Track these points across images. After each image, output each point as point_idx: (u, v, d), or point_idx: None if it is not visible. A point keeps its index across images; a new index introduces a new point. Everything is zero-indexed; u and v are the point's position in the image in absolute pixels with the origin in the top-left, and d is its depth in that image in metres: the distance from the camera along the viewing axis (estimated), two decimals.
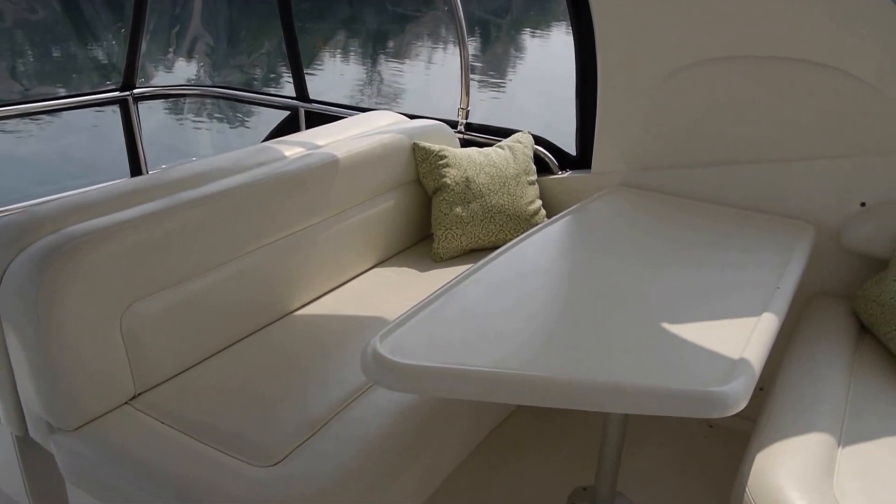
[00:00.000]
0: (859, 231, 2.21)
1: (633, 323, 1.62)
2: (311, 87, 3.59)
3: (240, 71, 13.17)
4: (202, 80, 12.88)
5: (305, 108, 3.52)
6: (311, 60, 12.96)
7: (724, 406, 1.35)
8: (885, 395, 1.82)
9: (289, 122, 3.58)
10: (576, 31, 2.62)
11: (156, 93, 3.90)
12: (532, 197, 2.71)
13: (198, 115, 9.45)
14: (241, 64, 13.49)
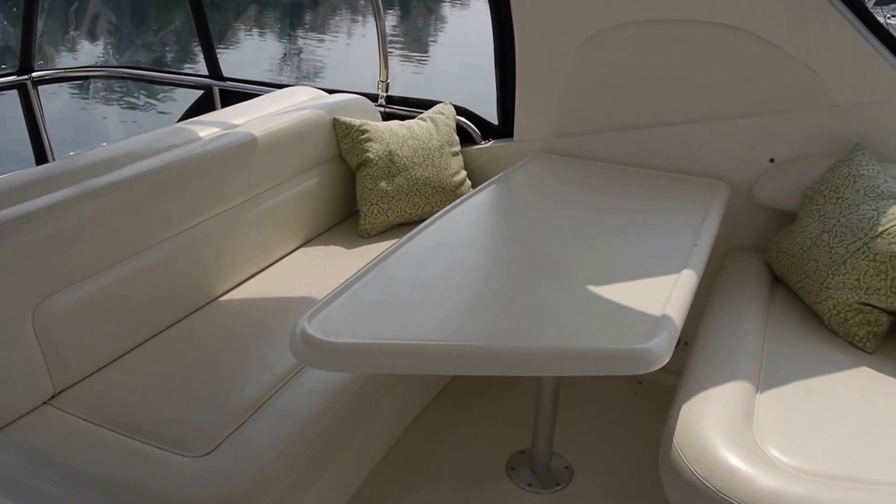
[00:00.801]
0: (769, 186, 2.30)
1: (560, 287, 1.65)
2: (228, 65, 3.47)
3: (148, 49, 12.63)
4: (108, 61, 12.32)
5: (220, 86, 3.41)
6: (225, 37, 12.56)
7: (649, 362, 1.40)
8: (798, 340, 1.91)
9: (203, 102, 3.46)
10: (492, 2, 2.61)
11: (57, 76, 3.71)
12: (456, 168, 2.71)
13: (106, 99, 9.05)
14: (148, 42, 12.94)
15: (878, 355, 1.88)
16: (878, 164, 2.11)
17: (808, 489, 1.40)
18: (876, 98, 2.19)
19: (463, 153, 2.80)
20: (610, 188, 2.28)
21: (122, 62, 12.38)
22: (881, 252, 1.87)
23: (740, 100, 2.34)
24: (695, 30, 2.30)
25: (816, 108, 2.27)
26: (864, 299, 1.89)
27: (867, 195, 1.99)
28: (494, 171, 2.75)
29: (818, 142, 2.29)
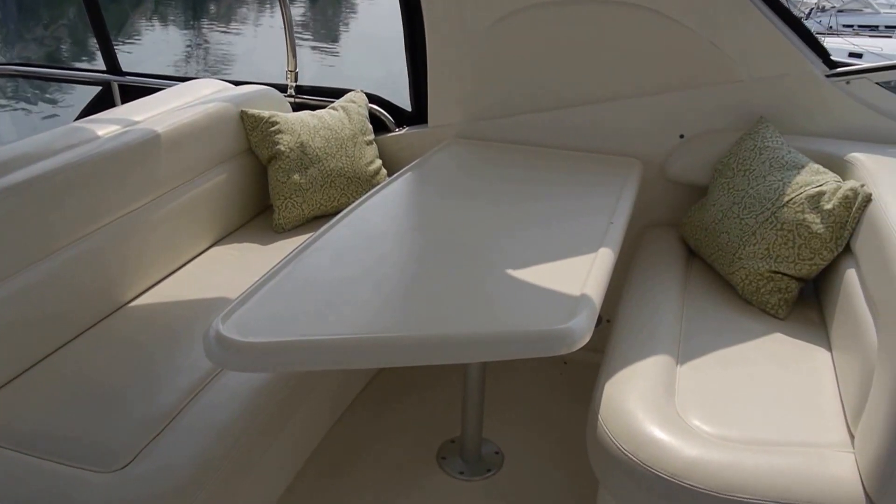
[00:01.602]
0: (680, 162, 2.34)
1: (480, 273, 1.63)
2: (128, 59, 3.30)
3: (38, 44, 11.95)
4: None
5: (119, 81, 3.24)
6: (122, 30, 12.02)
7: (570, 341, 1.40)
8: (714, 311, 1.96)
9: (101, 99, 3.28)
10: None
11: None
12: (371, 157, 2.65)
13: None
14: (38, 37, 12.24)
15: (789, 321, 1.95)
16: (781, 136, 2.18)
17: (729, 456, 1.43)
18: (777, 72, 2.26)
19: (377, 141, 2.75)
20: (526, 170, 2.28)
21: (10, 59, 11.67)
22: (788, 221, 1.93)
23: (650, 78, 2.37)
24: (603, 10, 2.32)
25: (722, 84, 2.32)
26: (774, 267, 1.95)
27: (772, 166, 2.05)
28: (410, 159, 2.72)
29: (725, 116, 2.35)
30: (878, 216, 1.71)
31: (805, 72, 2.24)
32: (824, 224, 1.89)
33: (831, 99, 2.24)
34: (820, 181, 1.95)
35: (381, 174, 2.67)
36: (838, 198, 1.88)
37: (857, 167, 2.03)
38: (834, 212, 1.88)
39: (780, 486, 1.38)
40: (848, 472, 1.40)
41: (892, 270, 1.49)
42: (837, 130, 2.27)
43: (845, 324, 1.75)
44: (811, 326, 1.93)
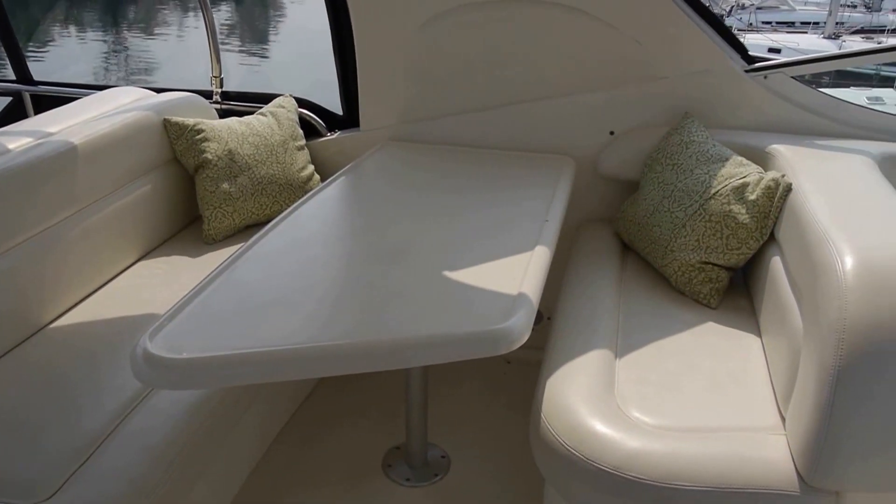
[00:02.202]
0: (612, 158, 2.38)
1: (417, 276, 1.61)
2: (43, 68, 3.16)
3: None
4: None
5: (31, 91, 3.10)
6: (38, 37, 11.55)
7: (509, 341, 1.40)
8: (649, 304, 2.00)
9: (12, 110, 3.13)
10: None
11: None
12: (303, 163, 2.61)
13: None
14: None
15: (720, 310, 2.00)
16: (706, 130, 2.23)
17: (668, 445, 1.45)
18: (699, 68, 2.32)
19: (309, 147, 2.70)
20: (460, 171, 2.27)
21: None
22: (715, 213, 1.98)
23: (579, 76, 2.40)
24: (531, 10, 2.33)
25: (648, 81, 2.37)
26: (705, 258, 2.00)
27: (699, 160, 2.10)
28: (343, 163, 2.68)
29: (652, 112, 2.39)
30: (798, 205, 1.77)
31: (725, 68, 2.30)
32: (749, 214, 1.94)
33: (751, 93, 2.31)
34: (743, 173, 2.00)
35: (314, 180, 2.63)
36: (761, 188, 1.93)
37: (777, 158, 2.10)
38: (757, 202, 1.93)
39: (718, 471, 1.41)
40: (781, 453, 1.45)
41: (812, 257, 1.54)
42: (758, 123, 2.34)
43: (773, 310, 1.81)
44: (742, 314, 1.99)
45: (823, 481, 1.37)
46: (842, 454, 1.34)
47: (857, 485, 1.37)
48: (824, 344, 1.37)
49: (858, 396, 1.32)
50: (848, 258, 1.43)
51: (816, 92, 2.34)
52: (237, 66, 10.81)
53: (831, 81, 10.03)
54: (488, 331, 1.41)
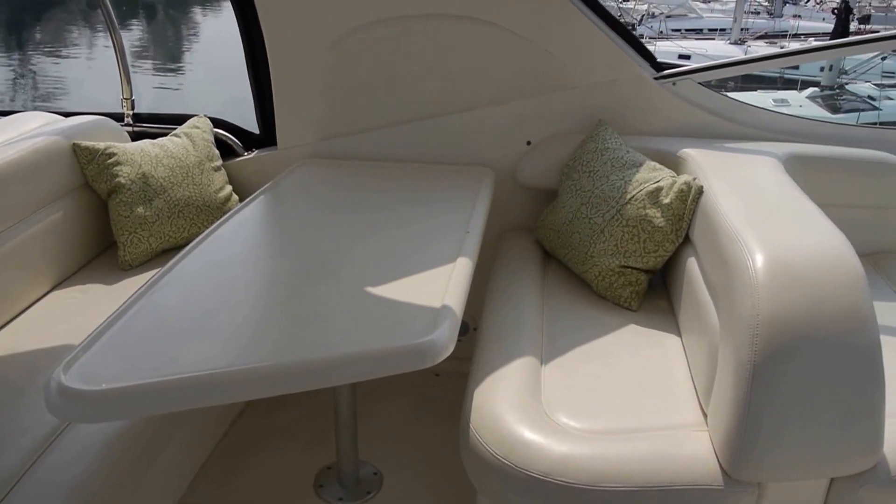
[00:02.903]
0: (530, 168, 2.42)
1: (340, 293, 1.60)
2: None
3: None
4: None
5: None
6: None
7: (434, 353, 1.40)
8: (572, 309, 2.03)
9: None
10: (236, 5, 2.49)
11: None
12: (220, 183, 2.56)
13: None
14: None
15: (641, 312, 2.05)
16: (619, 137, 2.30)
17: (595, 448, 1.48)
18: (610, 77, 2.38)
19: (226, 167, 2.65)
20: (380, 187, 2.27)
21: None
22: (632, 217, 2.03)
23: (495, 88, 2.44)
24: (443, 23, 2.35)
25: (561, 91, 2.42)
26: (624, 262, 2.04)
27: (614, 166, 2.16)
28: (262, 183, 2.64)
29: (567, 121, 2.44)
30: (710, 206, 1.83)
31: (635, 75, 2.37)
32: (664, 217, 2.00)
33: (660, 100, 2.39)
34: (657, 177, 2.06)
35: (233, 200, 2.58)
36: (674, 192, 2.00)
37: (688, 162, 2.17)
38: (672, 205, 1.99)
39: (644, 471, 1.44)
40: (704, 450, 1.49)
41: (725, 256, 1.60)
42: (669, 128, 2.42)
43: (691, 309, 1.86)
44: (662, 315, 2.04)
45: (745, 474, 1.42)
46: (761, 446, 1.39)
47: (777, 475, 1.42)
48: (739, 340, 1.42)
49: (773, 389, 1.37)
50: (758, 256, 1.49)
51: (722, 97, 2.44)
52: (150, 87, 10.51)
53: (739, 85, 10.47)
54: (413, 344, 1.41)
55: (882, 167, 2.30)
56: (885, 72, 10.42)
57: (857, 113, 8.84)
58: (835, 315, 1.39)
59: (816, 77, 10.61)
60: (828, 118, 8.72)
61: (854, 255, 1.50)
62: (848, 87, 9.90)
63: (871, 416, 1.39)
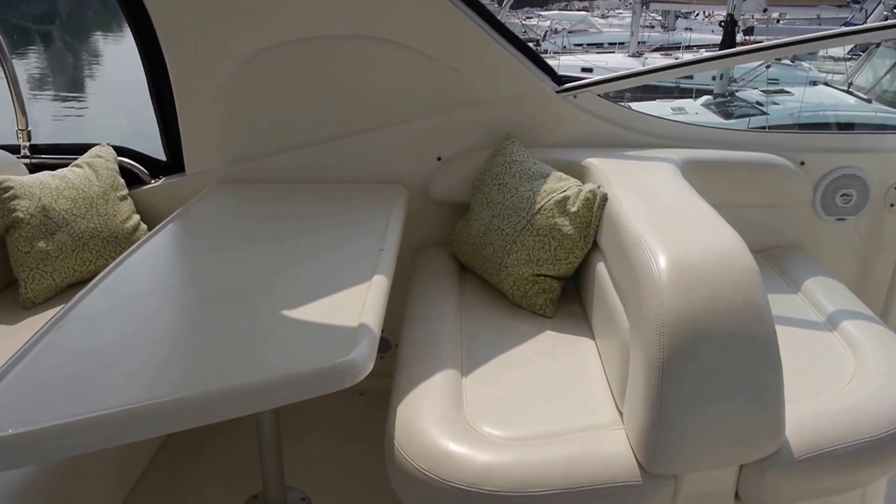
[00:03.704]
0: (441, 183, 2.46)
1: (255, 318, 1.58)
2: None
3: None
4: None
5: None
6: None
7: (354, 372, 1.40)
8: (489, 320, 2.07)
9: None
10: (134, 30, 2.43)
11: None
12: (127, 213, 2.48)
13: None
14: None
15: (556, 318, 2.11)
16: (526, 150, 2.36)
17: (518, 455, 1.51)
18: (514, 92, 2.45)
19: (132, 196, 2.58)
20: (293, 209, 2.26)
21: None
22: (542, 227, 2.09)
23: (404, 106, 2.47)
24: (350, 44, 2.37)
25: (469, 107, 2.47)
26: (537, 271, 2.10)
27: (522, 178, 2.22)
28: (171, 211, 2.58)
29: (476, 136, 2.50)
30: (615, 212, 1.91)
31: (538, 90, 2.45)
32: (572, 225, 2.07)
33: (563, 112, 2.48)
34: (564, 187, 2.13)
35: (141, 230, 2.51)
36: (581, 200, 2.07)
37: (592, 171, 2.25)
38: (579, 213, 2.07)
39: (566, 473, 1.48)
40: (621, 447, 1.54)
41: (630, 259, 1.67)
42: (573, 139, 2.51)
43: (602, 313, 1.93)
44: (576, 320, 2.11)
45: (661, 467, 1.48)
46: (674, 440, 1.45)
47: (691, 466, 1.49)
48: (648, 339, 1.48)
49: (682, 384, 1.44)
50: (661, 258, 1.56)
51: (621, 107, 2.55)
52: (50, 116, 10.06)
53: (640, 95, 10.90)
54: (332, 365, 1.40)
55: (770, 168, 2.45)
56: (770, 79, 11.08)
57: (748, 118, 9.35)
58: (733, 309, 1.48)
59: (709, 86, 11.17)
60: (721, 124, 9.17)
61: (748, 252, 1.59)
62: (738, 94, 10.46)
63: (773, 403, 1.48)
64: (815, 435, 1.57)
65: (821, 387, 1.76)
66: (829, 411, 1.64)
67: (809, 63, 12.75)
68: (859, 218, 2.62)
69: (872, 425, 1.61)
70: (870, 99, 9.65)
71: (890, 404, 1.67)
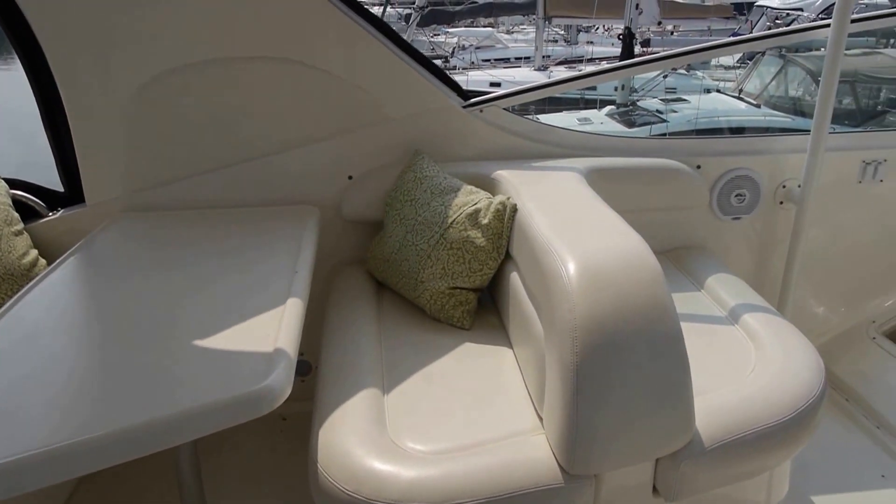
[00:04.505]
0: (353, 202, 2.45)
1: (166, 351, 1.53)
2: None
3: None
4: None
5: None
6: None
7: (272, 398, 1.38)
8: (409, 336, 2.08)
9: None
10: (20, 51, 2.33)
11: None
12: (23, 249, 2.36)
13: None
14: None
15: (474, 330, 2.13)
16: (436, 165, 2.39)
17: (443, 468, 1.52)
18: (421, 109, 2.48)
19: (29, 231, 2.46)
20: (202, 235, 2.21)
21: None
22: (455, 240, 2.11)
23: (313, 125, 2.45)
24: (254, 65, 2.34)
25: (377, 124, 2.48)
26: (453, 284, 2.12)
27: (433, 193, 2.24)
28: (73, 244, 2.48)
29: (386, 153, 2.51)
30: (525, 222, 1.95)
31: (445, 106, 2.48)
32: (485, 237, 2.10)
33: (471, 127, 2.52)
34: (474, 200, 2.17)
35: (40, 265, 2.39)
36: (491, 212, 2.11)
37: (501, 183, 2.30)
38: (490, 225, 2.10)
39: (490, 482, 1.50)
40: (543, 452, 1.57)
41: (542, 267, 1.71)
42: (481, 153, 2.55)
43: (518, 321, 1.97)
44: (493, 330, 2.14)
45: (581, 468, 1.51)
46: (592, 440, 1.49)
47: (609, 464, 1.53)
48: (562, 344, 1.52)
49: (596, 385, 1.48)
50: (570, 264, 1.61)
51: (526, 120, 2.61)
52: None
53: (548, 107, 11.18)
54: (248, 392, 1.38)
55: (670, 173, 2.56)
56: (668, 88, 11.59)
57: (650, 126, 9.74)
58: (640, 310, 1.53)
59: (612, 96, 11.58)
60: (624, 132, 9.53)
61: (651, 254, 1.66)
62: (639, 103, 10.88)
63: (682, 397, 1.54)
64: (723, 425, 1.64)
65: (726, 378, 1.85)
66: (734, 401, 1.72)
67: (703, 72, 13.40)
68: (753, 216, 2.77)
69: (774, 411, 1.70)
70: (759, 104, 10.22)
71: (789, 390, 1.76)
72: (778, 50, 10.07)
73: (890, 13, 2.72)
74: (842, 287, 3.00)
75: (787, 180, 2.74)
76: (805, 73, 9.79)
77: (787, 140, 2.74)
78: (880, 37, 12.33)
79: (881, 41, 12.38)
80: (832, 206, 2.84)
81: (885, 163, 2.79)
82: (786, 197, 2.75)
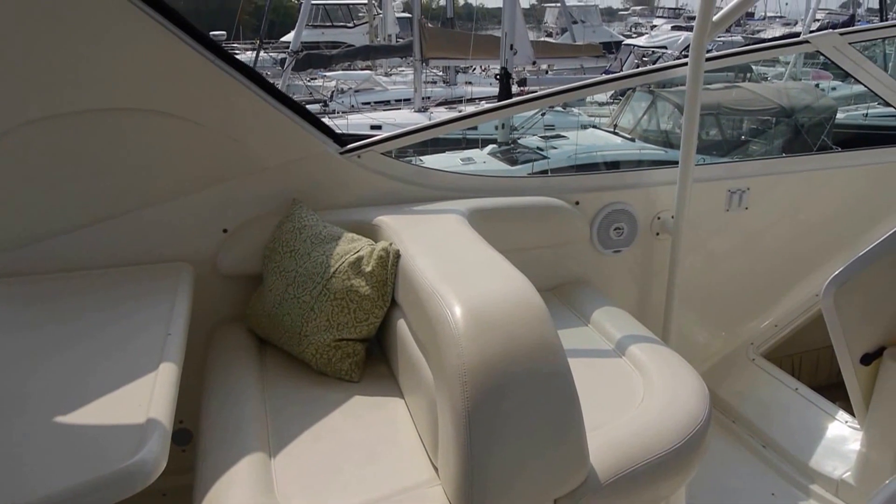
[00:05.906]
0: (229, 256, 2.34)
1: (25, 430, 1.39)
2: None
3: None
4: None
5: None
6: None
7: (146, 473, 1.27)
8: (295, 394, 1.98)
9: None
10: None
11: None
12: None
13: None
14: None
15: (364, 382, 2.06)
16: (315, 214, 2.32)
17: None
18: (297, 157, 2.41)
19: None
20: (63, 302, 2.03)
21: None
22: (339, 290, 2.05)
23: (182, 178, 2.33)
24: (119, 117, 2.21)
25: (252, 174, 2.39)
26: (338, 335, 2.05)
27: (314, 243, 2.17)
28: None
29: (263, 204, 2.42)
30: (409, 268, 1.92)
31: (321, 153, 2.43)
32: (369, 285, 2.05)
33: (349, 173, 2.48)
34: (357, 248, 2.12)
35: None
36: (374, 259, 2.06)
37: (383, 228, 2.26)
38: (374, 273, 2.05)
39: None
40: (439, 503, 1.52)
41: (427, 313, 1.68)
42: (362, 199, 2.51)
43: (408, 370, 1.92)
44: (383, 380, 2.07)
45: None
46: (488, 486, 1.45)
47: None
48: (452, 390, 1.48)
49: (488, 429, 1.45)
50: (456, 308, 1.58)
51: (404, 164, 2.60)
52: None
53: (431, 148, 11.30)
54: (119, 470, 1.26)
55: (549, 210, 2.60)
56: (547, 125, 12.00)
57: (531, 163, 10.03)
58: (527, 349, 1.52)
59: (493, 135, 11.86)
60: (504, 171, 9.76)
61: (536, 294, 1.66)
62: (520, 141, 11.21)
63: (574, 434, 1.53)
64: (617, 458, 1.65)
65: (616, 411, 1.86)
66: (625, 434, 1.73)
67: (579, 108, 13.99)
68: (633, 248, 2.86)
69: (664, 440, 1.72)
70: (633, 138, 10.75)
71: (677, 418, 1.80)
72: (647, 86, 10.67)
73: (740, 51, 2.91)
74: (721, 312, 3.14)
75: (661, 212, 2.85)
76: (673, 108, 10.40)
77: (659, 173, 2.86)
78: (738, 71, 13.34)
79: (739, 75, 13.39)
80: (705, 235, 2.97)
81: (749, 191, 2.95)
82: (661, 228, 2.86)
